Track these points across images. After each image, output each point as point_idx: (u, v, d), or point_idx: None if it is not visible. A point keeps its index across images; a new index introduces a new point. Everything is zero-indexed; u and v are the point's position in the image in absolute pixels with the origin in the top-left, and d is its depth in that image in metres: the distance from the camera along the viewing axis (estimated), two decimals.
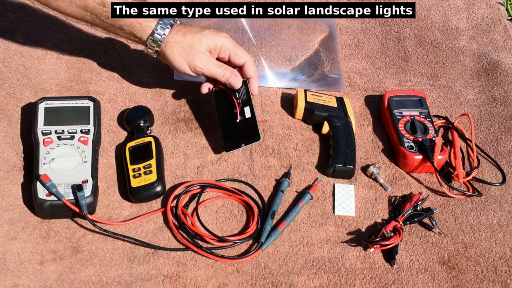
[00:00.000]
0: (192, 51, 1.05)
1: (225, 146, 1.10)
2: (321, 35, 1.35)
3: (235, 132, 1.10)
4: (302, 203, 1.05)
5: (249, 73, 1.11)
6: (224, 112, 1.12)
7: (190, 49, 1.05)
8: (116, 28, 1.05)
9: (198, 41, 1.05)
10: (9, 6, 1.30)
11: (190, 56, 1.06)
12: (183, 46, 1.05)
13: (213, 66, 1.08)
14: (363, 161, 1.14)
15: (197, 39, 1.05)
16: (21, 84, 1.18)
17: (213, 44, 1.07)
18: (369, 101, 1.25)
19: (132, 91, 1.20)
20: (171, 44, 1.05)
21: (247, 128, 1.09)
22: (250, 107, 1.11)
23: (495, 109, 1.26)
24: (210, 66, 1.08)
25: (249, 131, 1.09)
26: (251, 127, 1.09)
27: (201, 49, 1.06)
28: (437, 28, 1.41)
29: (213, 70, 1.08)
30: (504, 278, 1.00)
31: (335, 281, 0.97)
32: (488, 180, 1.13)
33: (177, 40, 1.05)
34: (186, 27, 1.07)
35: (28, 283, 0.93)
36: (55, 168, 1.01)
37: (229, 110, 1.12)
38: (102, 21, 1.04)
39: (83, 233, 0.99)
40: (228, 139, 1.10)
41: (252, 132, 1.09)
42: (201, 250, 0.98)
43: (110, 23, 1.04)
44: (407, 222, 1.04)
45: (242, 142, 1.09)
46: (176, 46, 1.05)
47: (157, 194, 1.04)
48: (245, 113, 1.11)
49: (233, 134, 1.10)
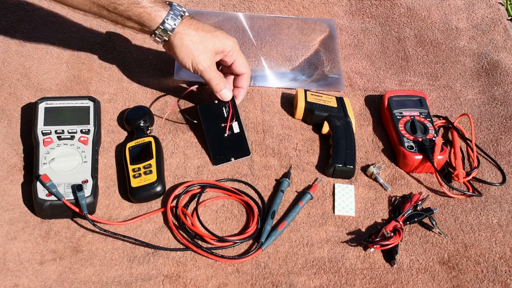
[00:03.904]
0: (200, 48, 1.06)
1: (213, 160, 1.10)
2: (321, 35, 1.35)
3: (224, 146, 1.11)
4: (302, 203, 1.05)
5: (242, 84, 1.13)
6: (211, 126, 1.13)
7: (199, 45, 1.06)
8: (124, 18, 1.05)
9: (209, 40, 1.06)
10: (9, 6, 1.30)
11: (197, 52, 1.06)
12: (193, 40, 1.05)
13: (213, 71, 1.09)
14: (363, 161, 1.14)
15: (208, 38, 1.06)
16: (21, 84, 1.18)
17: (222, 46, 1.07)
18: (369, 101, 1.25)
19: (132, 91, 1.20)
20: (181, 35, 1.05)
21: (236, 143, 1.11)
22: (239, 122, 1.12)
23: (495, 109, 1.26)
24: (210, 70, 1.08)
25: (238, 146, 1.11)
26: (240, 142, 1.11)
27: (208, 48, 1.06)
28: (437, 28, 1.41)
29: (211, 74, 1.09)
30: (504, 278, 1.00)
31: (335, 281, 0.97)
32: (488, 180, 1.13)
33: (188, 33, 1.05)
34: (198, 23, 1.07)
35: (28, 283, 0.93)
36: (55, 168, 1.01)
37: (216, 124, 1.13)
38: (109, 12, 1.04)
39: (83, 233, 0.99)
40: (216, 153, 1.11)
41: (242, 147, 1.11)
42: (201, 250, 0.98)
43: (118, 14, 1.04)
44: (407, 222, 1.04)
45: (231, 156, 1.10)
46: (186, 38, 1.05)
47: (157, 194, 1.04)
48: (233, 128, 1.12)
49: (221, 148, 1.11)
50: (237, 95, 1.14)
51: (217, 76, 1.10)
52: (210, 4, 1.39)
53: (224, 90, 1.11)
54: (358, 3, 1.44)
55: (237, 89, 1.14)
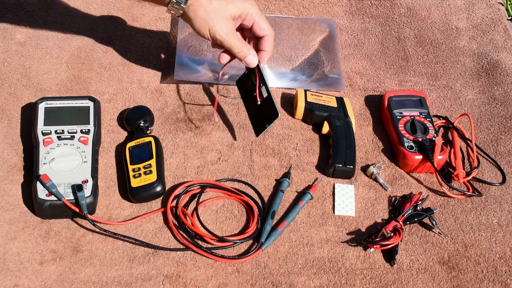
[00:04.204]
0: (215, 17, 1.02)
1: (256, 132, 1.11)
2: (321, 35, 1.35)
3: (259, 115, 1.11)
4: (302, 203, 1.05)
5: (265, 46, 1.09)
6: (248, 98, 1.13)
7: (214, 14, 1.02)
8: None
9: (223, 7, 1.03)
10: (9, 6, 1.30)
11: (213, 22, 1.03)
12: (207, 10, 1.02)
13: (233, 38, 1.05)
14: (363, 161, 1.14)
15: (222, 5, 1.03)
16: (21, 84, 1.18)
17: (238, 11, 1.04)
18: (369, 101, 1.25)
19: (132, 91, 1.20)
20: (195, 7, 1.02)
21: (267, 108, 1.09)
22: (265, 86, 1.09)
23: (495, 109, 1.26)
24: (231, 37, 1.04)
25: (268, 110, 1.09)
26: (269, 106, 1.09)
27: (225, 15, 1.03)
28: (437, 28, 1.41)
29: (232, 42, 1.05)
30: (504, 278, 1.00)
31: (335, 281, 0.97)
32: (488, 180, 1.13)
33: (201, 3, 1.02)
34: None
35: (28, 283, 0.93)
36: (55, 168, 1.01)
37: (251, 94, 1.12)
38: None
39: (83, 233, 0.99)
40: (256, 125, 1.11)
41: (271, 110, 1.08)
42: (201, 250, 0.98)
43: None
44: (407, 222, 1.04)
45: (266, 123, 1.09)
46: (200, 10, 1.02)
47: (157, 194, 1.04)
48: (262, 93, 1.10)
49: (258, 118, 1.11)
50: (261, 58, 1.10)
51: (238, 44, 1.05)
52: None
53: (249, 56, 1.07)
54: (358, 3, 1.44)
55: (261, 52, 1.09)
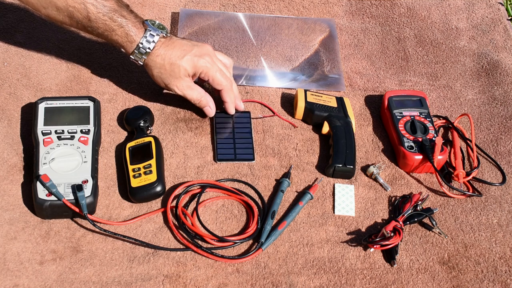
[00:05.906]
0: (170, 77, 1.09)
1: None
2: (321, 35, 1.35)
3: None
4: (302, 203, 1.05)
5: (224, 97, 1.14)
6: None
7: (167, 75, 1.08)
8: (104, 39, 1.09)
9: (177, 69, 1.07)
10: (9, 6, 1.30)
11: (168, 81, 1.09)
12: (161, 72, 1.08)
13: (190, 92, 1.11)
14: (363, 161, 1.14)
15: (176, 67, 1.07)
16: (21, 84, 1.18)
17: (192, 70, 1.08)
18: (369, 101, 1.25)
19: (132, 91, 1.20)
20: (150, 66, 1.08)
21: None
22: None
23: (495, 109, 1.26)
24: (187, 92, 1.11)
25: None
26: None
27: (179, 76, 1.08)
28: (437, 28, 1.41)
29: (189, 96, 1.11)
30: (504, 278, 1.00)
31: (335, 281, 0.97)
32: (488, 180, 1.13)
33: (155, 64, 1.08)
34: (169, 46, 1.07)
35: (28, 283, 0.93)
36: (55, 168, 1.01)
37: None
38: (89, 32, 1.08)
39: (83, 233, 0.99)
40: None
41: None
42: (201, 250, 0.98)
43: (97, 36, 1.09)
44: (407, 222, 1.04)
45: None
46: (155, 70, 1.08)
47: (157, 194, 1.04)
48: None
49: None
50: (226, 109, 1.16)
51: (195, 96, 1.11)
52: (210, 4, 1.39)
53: (206, 107, 1.13)
54: (358, 3, 1.44)
55: (223, 102, 1.15)
